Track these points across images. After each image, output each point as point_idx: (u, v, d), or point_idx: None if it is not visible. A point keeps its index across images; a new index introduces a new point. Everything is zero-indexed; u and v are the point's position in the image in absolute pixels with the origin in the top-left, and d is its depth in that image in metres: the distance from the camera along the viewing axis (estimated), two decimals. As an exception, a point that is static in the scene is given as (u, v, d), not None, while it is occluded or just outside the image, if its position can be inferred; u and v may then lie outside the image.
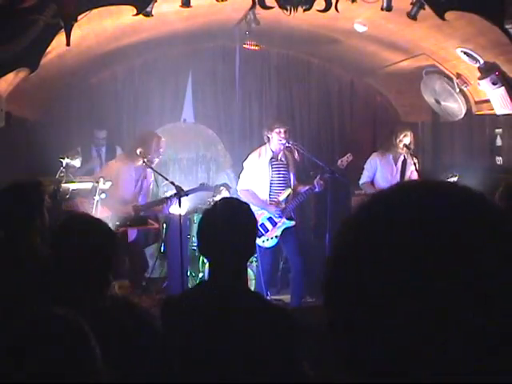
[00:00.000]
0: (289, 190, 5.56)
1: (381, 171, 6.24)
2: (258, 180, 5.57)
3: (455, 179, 5.69)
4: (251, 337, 1.92)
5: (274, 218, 5.51)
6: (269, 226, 5.53)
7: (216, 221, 2.04)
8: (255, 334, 1.92)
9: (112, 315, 1.92)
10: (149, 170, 5.54)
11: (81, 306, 1.73)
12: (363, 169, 6.27)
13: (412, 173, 6.18)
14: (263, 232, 5.51)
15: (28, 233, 2.65)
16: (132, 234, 5.61)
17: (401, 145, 6.09)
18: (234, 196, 6.45)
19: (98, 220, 2.14)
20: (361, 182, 6.26)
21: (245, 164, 5.71)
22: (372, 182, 6.28)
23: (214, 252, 2.04)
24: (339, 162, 5.60)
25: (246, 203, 2.27)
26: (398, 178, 6.17)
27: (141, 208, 5.54)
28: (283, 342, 1.94)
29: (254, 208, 5.54)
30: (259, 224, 5.49)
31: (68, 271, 1.95)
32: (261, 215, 5.51)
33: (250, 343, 1.91)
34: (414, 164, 6.07)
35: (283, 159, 5.61)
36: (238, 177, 5.99)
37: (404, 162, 6.19)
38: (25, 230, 2.64)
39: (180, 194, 5.09)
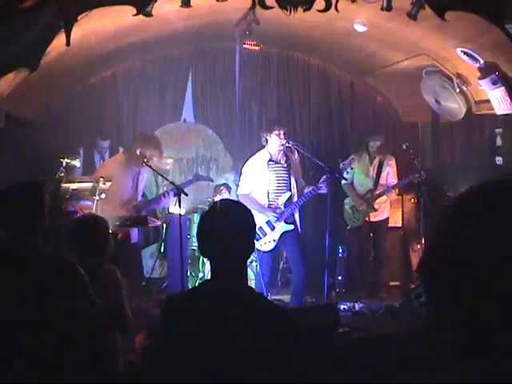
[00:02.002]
0: (288, 194, 5.53)
1: (357, 174, 6.36)
2: (257, 184, 5.55)
3: (422, 178, 6.01)
4: (253, 337, 1.92)
5: (272, 222, 5.49)
6: (267, 229, 5.51)
7: (215, 222, 2.05)
8: (257, 333, 1.93)
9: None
10: (143, 167, 5.49)
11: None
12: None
13: (388, 174, 6.30)
14: (261, 236, 5.49)
15: (30, 233, 2.65)
16: (134, 235, 5.56)
17: (370, 150, 6.30)
18: (234, 197, 6.46)
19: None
20: (343, 182, 6.36)
21: (243, 169, 5.68)
22: (352, 184, 6.42)
23: (214, 253, 2.05)
24: (341, 164, 5.59)
25: (243, 204, 2.28)
26: (373, 178, 6.27)
27: (141, 206, 5.51)
28: (282, 341, 1.95)
29: (253, 211, 5.56)
30: (257, 227, 5.47)
31: None
32: (259, 219, 5.49)
33: (252, 343, 1.92)
34: (411, 164, 6.19)
35: (283, 162, 5.57)
36: (239, 178, 5.98)
37: (380, 164, 6.27)
38: (27, 230, 2.64)
39: (180, 193, 5.08)
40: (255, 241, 5.55)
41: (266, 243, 5.51)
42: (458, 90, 5.81)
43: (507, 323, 0.66)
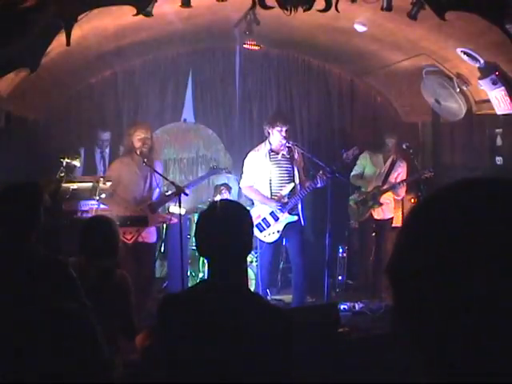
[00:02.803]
0: (292, 185, 5.53)
1: (368, 169, 6.38)
2: (259, 175, 5.56)
3: (431, 175, 6.01)
4: (248, 336, 1.92)
5: (276, 213, 5.49)
6: (271, 220, 5.51)
7: (213, 222, 2.05)
8: (252, 333, 1.92)
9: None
10: (157, 163, 5.44)
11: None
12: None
13: (398, 175, 6.30)
14: (265, 227, 5.49)
15: (27, 233, 2.65)
16: (152, 235, 5.47)
17: (386, 147, 6.33)
18: (234, 196, 6.47)
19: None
20: (351, 174, 6.41)
21: (245, 161, 5.70)
22: (361, 176, 6.44)
23: (212, 252, 2.05)
24: (344, 154, 5.58)
25: (241, 204, 2.28)
26: (383, 176, 6.27)
27: (155, 205, 5.44)
28: (280, 342, 1.94)
29: (257, 202, 5.56)
30: (261, 219, 5.48)
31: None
32: (263, 210, 5.50)
33: (247, 343, 1.91)
34: (409, 163, 6.21)
35: (285, 154, 5.59)
36: (239, 178, 5.99)
37: (392, 164, 6.29)
38: (24, 231, 2.65)
39: (179, 193, 5.07)
40: (259, 232, 5.61)
41: (269, 234, 5.51)
42: (458, 89, 5.81)
43: (492, 325, 0.65)
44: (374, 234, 6.48)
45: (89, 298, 2.63)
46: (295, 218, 5.51)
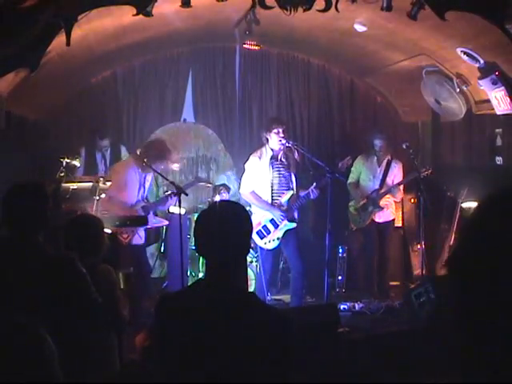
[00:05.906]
0: (291, 192, 5.55)
1: (364, 173, 6.39)
2: (260, 181, 5.55)
3: (429, 172, 5.99)
4: (248, 336, 1.92)
5: (277, 221, 5.50)
6: (271, 228, 5.52)
7: (212, 221, 2.05)
8: (252, 333, 1.92)
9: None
10: (149, 171, 5.47)
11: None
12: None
13: (395, 177, 6.30)
14: (265, 234, 5.50)
15: (31, 232, 2.66)
16: (140, 236, 5.50)
17: (375, 148, 6.31)
18: (233, 197, 6.46)
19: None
20: (348, 181, 6.41)
21: (246, 166, 5.67)
22: (357, 183, 6.41)
23: (211, 252, 2.05)
24: (339, 164, 5.69)
25: (241, 205, 2.27)
26: (380, 179, 6.27)
27: (149, 207, 5.46)
28: (279, 342, 1.94)
29: (256, 210, 5.56)
30: (261, 226, 5.49)
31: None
32: (263, 217, 5.50)
33: (247, 343, 1.91)
34: (409, 164, 6.20)
35: (283, 160, 5.59)
36: (239, 178, 5.99)
37: (388, 165, 6.29)
38: (28, 230, 2.65)
39: (180, 193, 5.07)
40: (259, 239, 5.61)
41: (270, 241, 5.52)
42: (458, 89, 5.81)
43: None
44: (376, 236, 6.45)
45: None
46: (294, 225, 5.53)
